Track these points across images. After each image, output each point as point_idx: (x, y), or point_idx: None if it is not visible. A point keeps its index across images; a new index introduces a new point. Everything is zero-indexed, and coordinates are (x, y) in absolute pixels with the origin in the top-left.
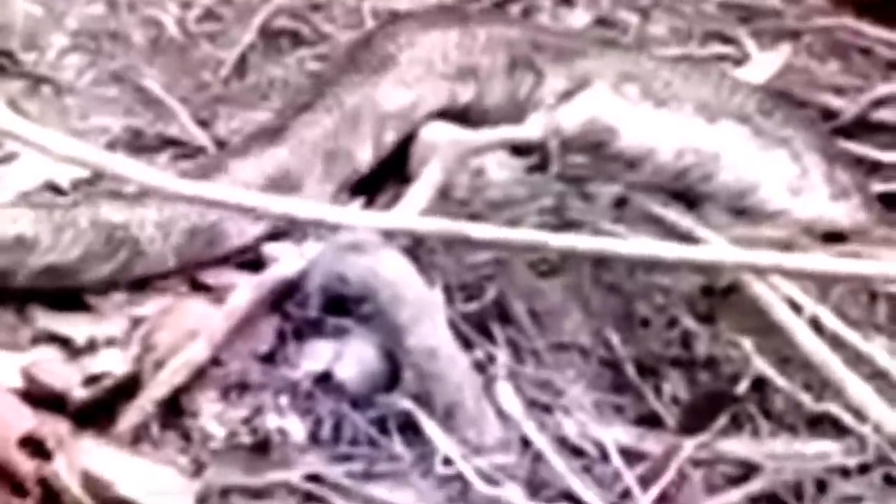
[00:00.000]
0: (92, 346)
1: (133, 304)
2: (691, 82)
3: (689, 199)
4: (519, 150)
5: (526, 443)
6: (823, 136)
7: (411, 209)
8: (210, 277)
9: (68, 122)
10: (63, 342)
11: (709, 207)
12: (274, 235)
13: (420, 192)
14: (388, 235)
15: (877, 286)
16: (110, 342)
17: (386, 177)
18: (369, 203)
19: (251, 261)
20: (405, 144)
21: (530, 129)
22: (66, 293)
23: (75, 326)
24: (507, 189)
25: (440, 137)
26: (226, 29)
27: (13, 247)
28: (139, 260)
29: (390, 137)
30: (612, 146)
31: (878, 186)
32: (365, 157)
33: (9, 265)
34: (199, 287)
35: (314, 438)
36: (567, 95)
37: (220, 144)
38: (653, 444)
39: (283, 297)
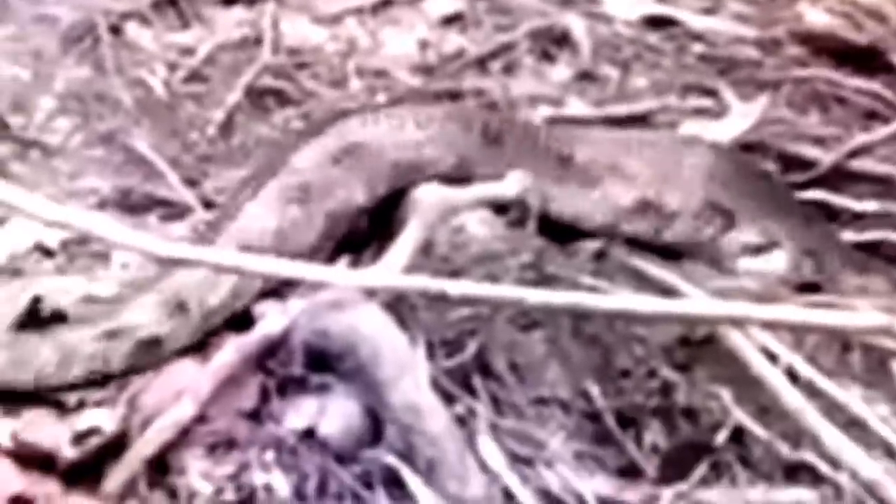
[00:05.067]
0: (81, 407)
1: None
2: (869, 270)
3: (669, 252)
4: (499, 207)
5: (508, 495)
6: None
7: (393, 266)
8: None
9: (58, 184)
10: (54, 403)
11: (688, 260)
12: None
13: (402, 249)
14: (370, 292)
15: (850, 336)
16: (99, 402)
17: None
18: (356, 261)
19: (235, 318)
20: (391, 203)
21: (508, 186)
22: None
23: None
24: (487, 245)
25: (423, 196)
26: (212, 89)
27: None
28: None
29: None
30: None
31: (855, 236)
32: None
33: None
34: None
35: (299, 494)
36: (754, 250)
37: (208, 204)
38: (633, 494)
39: (267, 354)
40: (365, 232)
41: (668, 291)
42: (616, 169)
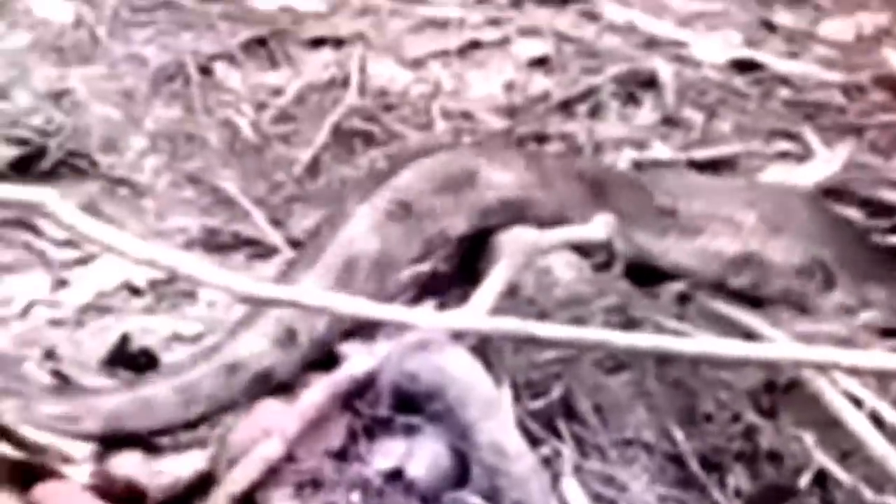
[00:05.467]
0: (175, 446)
1: None
2: None
3: (751, 297)
4: (584, 250)
5: None
6: None
7: (480, 308)
8: None
9: (146, 223)
10: (143, 442)
11: (771, 304)
12: (345, 334)
13: (488, 291)
14: (457, 335)
15: None
16: (190, 442)
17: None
18: (442, 304)
19: (323, 359)
20: (476, 246)
21: (595, 229)
22: None
23: None
24: (573, 288)
25: (510, 238)
26: (299, 130)
27: None
28: None
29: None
30: None
31: None
32: None
33: None
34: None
35: None
36: (847, 310)
37: (294, 244)
38: None
39: (355, 395)
40: (451, 274)
41: (751, 335)
42: (719, 220)
